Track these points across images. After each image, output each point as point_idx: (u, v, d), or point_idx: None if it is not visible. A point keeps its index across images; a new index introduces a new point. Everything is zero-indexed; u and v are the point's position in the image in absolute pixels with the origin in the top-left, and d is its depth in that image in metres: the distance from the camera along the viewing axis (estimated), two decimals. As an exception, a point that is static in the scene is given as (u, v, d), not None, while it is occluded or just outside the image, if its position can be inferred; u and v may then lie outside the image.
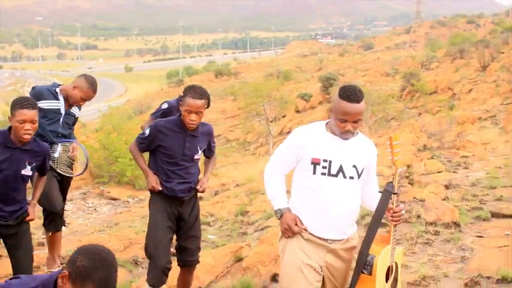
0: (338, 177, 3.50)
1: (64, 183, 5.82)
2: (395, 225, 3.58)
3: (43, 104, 5.36)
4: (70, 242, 7.27)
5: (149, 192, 4.86)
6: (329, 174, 3.50)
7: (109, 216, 10.23)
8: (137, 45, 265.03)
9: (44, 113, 5.34)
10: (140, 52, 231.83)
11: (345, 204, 3.54)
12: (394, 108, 28.51)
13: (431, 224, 7.16)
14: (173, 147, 4.62)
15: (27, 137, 4.26)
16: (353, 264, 3.66)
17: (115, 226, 8.85)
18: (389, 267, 3.60)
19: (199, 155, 4.76)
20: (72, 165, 5.85)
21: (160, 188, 4.63)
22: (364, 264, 3.49)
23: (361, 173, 3.58)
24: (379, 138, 20.10)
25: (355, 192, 3.60)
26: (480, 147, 14.69)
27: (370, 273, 3.46)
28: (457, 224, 7.12)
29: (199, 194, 5.08)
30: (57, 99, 5.50)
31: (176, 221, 4.77)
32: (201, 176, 4.93)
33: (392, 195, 3.51)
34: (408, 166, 11.20)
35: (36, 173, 4.63)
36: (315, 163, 3.50)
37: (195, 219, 4.84)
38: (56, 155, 5.57)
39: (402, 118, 26.97)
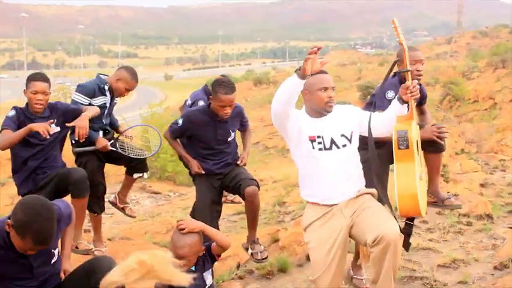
0: (332, 149, 3.85)
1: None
2: (415, 100, 3.87)
3: (95, 101, 5.60)
4: (114, 229, 7.62)
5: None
6: (325, 148, 3.84)
7: (150, 208, 10.59)
8: (177, 54, 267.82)
9: None
10: (180, 61, 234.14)
11: (344, 171, 3.87)
12: (434, 117, 28.34)
13: (464, 215, 7.30)
14: (206, 135, 4.99)
15: (39, 107, 4.67)
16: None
17: (157, 216, 9.18)
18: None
19: (232, 136, 5.12)
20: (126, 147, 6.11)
21: (203, 172, 5.02)
22: (399, 141, 3.72)
23: (351, 137, 3.91)
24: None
25: (353, 155, 3.94)
26: (518, 151, 14.65)
27: (407, 147, 3.70)
28: (489, 216, 7.25)
29: None
30: (105, 95, 5.79)
31: (221, 188, 5.16)
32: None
33: (407, 72, 3.86)
34: (444, 166, 11.31)
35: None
36: (311, 140, 3.85)
37: (234, 168, 5.17)
38: (119, 144, 5.86)
39: (442, 126, 26.75)
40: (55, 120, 4.85)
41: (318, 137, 3.83)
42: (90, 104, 5.54)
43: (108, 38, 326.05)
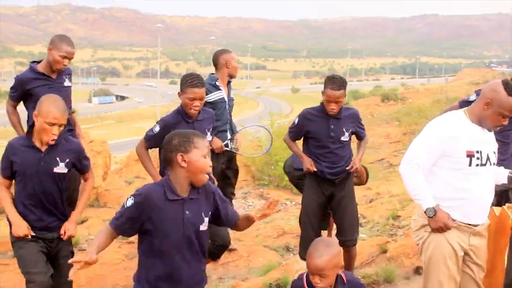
0: (486, 165, 3.74)
1: (233, 169, 6.42)
2: None
3: (210, 97, 5.92)
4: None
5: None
6: (481, 164, 3.71)
7: (267, 214, 10.79)
8: (305, 67, 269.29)
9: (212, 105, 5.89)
10: (308, 74, 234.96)
11: (492, 188, 3.83)
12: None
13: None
14: (319, 130, 5.04)
15: (194, 112, 4.80)
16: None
17: (271, 221, 9.37)
18: None
19: (347, 137, 5.09)
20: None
21: (315, 169, 5.05)
22: None
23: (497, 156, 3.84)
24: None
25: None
26: None
27: None
28: None
29: None
30: (219, 89, 6.06)
31: (329, 201, 5.17)
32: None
33: None
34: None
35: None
36: (470, 156, 3.68)
37: (344, 198, 5.15)
38: (232, 145, 6.13)
39: None
40: (211, 129, 5.13)
41: (477, 152, 3.70)
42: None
43: (238, 49, 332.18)
